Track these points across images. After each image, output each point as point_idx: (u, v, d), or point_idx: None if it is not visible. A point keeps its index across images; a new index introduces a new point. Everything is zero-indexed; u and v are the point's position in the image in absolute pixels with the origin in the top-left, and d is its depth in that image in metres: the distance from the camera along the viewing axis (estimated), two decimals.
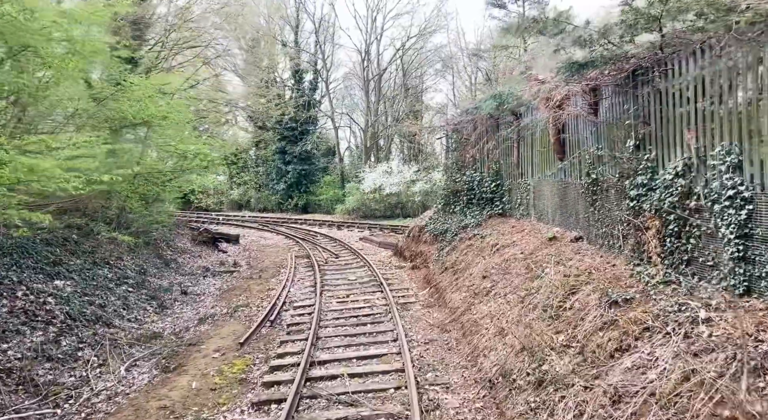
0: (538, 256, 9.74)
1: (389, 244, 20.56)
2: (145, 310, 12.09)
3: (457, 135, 15.88)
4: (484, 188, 14.37)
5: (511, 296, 9.07)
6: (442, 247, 14.32)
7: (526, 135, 12.31)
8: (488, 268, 10.77)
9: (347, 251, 20.03)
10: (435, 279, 13.14)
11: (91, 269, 12.03)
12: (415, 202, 31.95)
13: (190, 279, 15.70)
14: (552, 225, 11.11)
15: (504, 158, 13.74)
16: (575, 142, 9.91)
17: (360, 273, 15.78)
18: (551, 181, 11.14)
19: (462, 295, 10.77)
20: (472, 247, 12.71)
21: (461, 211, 15.18)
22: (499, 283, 9.91)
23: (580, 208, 9.70)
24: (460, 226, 14.34)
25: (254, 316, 11.79)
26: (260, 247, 22.55)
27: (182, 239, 20.76)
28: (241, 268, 17.91)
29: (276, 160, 41.24)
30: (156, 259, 15.76)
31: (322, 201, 39.23)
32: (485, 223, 13.70)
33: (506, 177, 13.78)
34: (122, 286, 12.50)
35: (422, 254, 15.58)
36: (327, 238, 24.18)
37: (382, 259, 18.09)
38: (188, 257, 18.39)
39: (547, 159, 11.33)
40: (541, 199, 11.73)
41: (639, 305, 6.14)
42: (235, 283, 15.23)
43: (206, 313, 12.32)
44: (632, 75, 7.33)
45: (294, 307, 12.26)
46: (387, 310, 11.41)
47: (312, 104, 40.13)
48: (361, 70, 40.80)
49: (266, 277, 16.07)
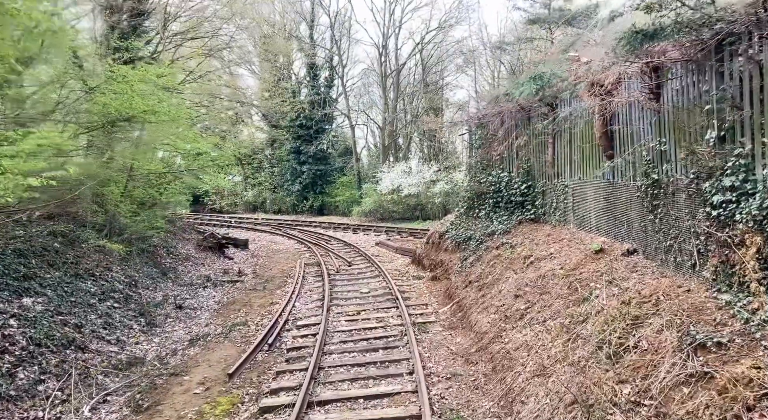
0: (582, 273, 8.09)
1: (407, 250, 19.01)
2: (130, 329, 10.75)
3: (481, 131, 14.26)
4: (513, 190, 12.72)
5: (552, 323, 7.45)
6: (465, 257, 12.72)
7: (564, 129, 10.65)
8: (521, 286, 9.15)
9: (361, 258, 18.54)
10: (457, 294, 11.56)
11: (71, 283, 10.73)
12: (435, 204, 30.33)
13: (188, 290, 14.37)
14: (596, 234, 9.44)
15: (536, 156, 12.08)
16: (628, 135, 8.23)
17: (374, 284, 14.27)
18: (595, 182, 9.47)
19: (490, 316, 9.17)
20: (501, 259, 11.09)
21: (486, 216, 13.55)
22: (535, 304, 8.29)
23: (633, 214, 8.03)
24: (486, 232, 12.72)
25: (251, 337, 10.37)
26: (269, 253, 21.19)
27: (187, 245, 19.50)
28: (246, 277, 16.54)
29: (290, 160, 39.98)
30: (152, 269, 14.47)
31: (338, 202, 37.84)
32: (515, 230, 12.06)
33: (539, 177, 12.11)
34: (107, 301, 11.19)
35: (443, 264, 13.99)
36: (341, 244, 22.72)
37: (398, 268, 16.55)
38: (190, 265, 17.10)
39: (591, 156, 9.66)
40: (583, 203, 10.06)
41: (742, 354, 4.50)
42: (236, 296, 13.85)
43: (199, 332, 10.94)
44: (717, 46, 5.65)
45: (297, 326, 10.80)
46: (402, 331, 9.87)
47: (327, 102, 38.76)
48: (378, 65, 39.26)
49: (271, 288, 14.66)
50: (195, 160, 14.33)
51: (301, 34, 40.78)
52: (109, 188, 12.27)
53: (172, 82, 13.82)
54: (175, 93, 17.60)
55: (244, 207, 44.33)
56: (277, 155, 43.36)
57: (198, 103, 19.21)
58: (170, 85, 15.52)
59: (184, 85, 17.32)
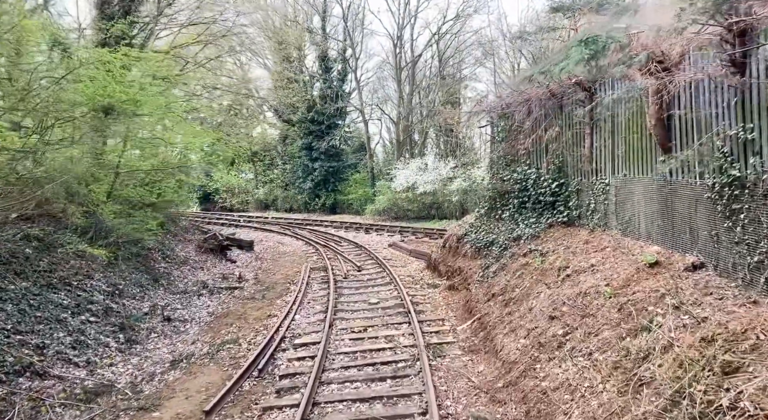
0: (636, 293, 6.55)
1: (422, 253, 17.54)
2: (106, 347, 9.48)
3: (505, 122, 12.71)
4: (543, 189, 11.16)
5: (601, 357, 5.94)
6: (487, 265, 11.21)
7: (605, 118, 9.07)
8: (557, 304, 7.62)
9: (372, 262, 17.11)
10: (479, 308, 10.06)
11: (39, 295, 9.49)
12: (452, 202, 28.76)
13: (180, 299, 13.10)
14: (647, 242, 7.88)
15: (570, 150, 10.51)
16: (692, 122, 6.66)
17: (384, 293, 12.83)
18: (646, 179, 7.90)
19: (519, 341, 7.66)
20: (529, 269, 9.56)
21: (511, 218, 12.01)
22: (576, 330, 6.77)
23: (700, 220, 6.46)
24: (511, 237, 11.20)
25: (241, 358, 9.01)
26: (275, 256, 19.88)
27: (187, 247, 18.28)
28: (246, 283, 15.23)
29: (302, 157, 38.66)
30: (142, 275, 13.21)
31: (351, 200, 36.44)
32: (545, 235, 10.51)
33: (573, 174, 10.54)
34: (81, 315, 9.93)
35: (461, 271, 12.49)
36: (351, 245, 21.32)
37: (411, 274, 15.09)
38: (187, 269, 15.85)
39: (640, 149, 8.08)
40: (628, 204, 8.48)
41: None
42: (232, 306, 12.52)
43: (183, 351, 9.62)
44: None
45: (294, 346, 9.42)
46: (415, 355, 8.42)
47: (340, 96, 37.34)
48: (393, 57, 37.71)
49: (271, 296, 13.31)
50: (188, 156, 13.02)
51: (314, 26, 39.41)
52: (90, 187, 10.99)
53: (164, 70, 12.47)
54: (175, 83, 16.37)
55: (256, 205, 43.19)
56: (288, 152, 42.11)
57: (198, 95, 17.96)
58: (166, 74, 14.26)
59: (183, 75, 16.04)
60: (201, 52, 17.21)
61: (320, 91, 38.25)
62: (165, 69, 13.86)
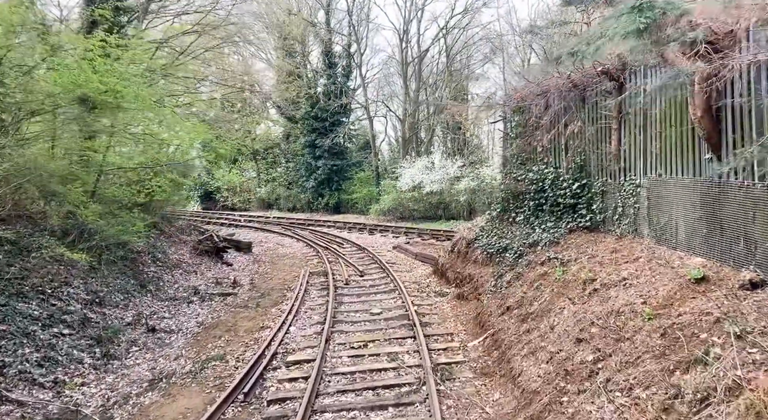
0: (682, 314, 5.55)
1: (428, 257, 16.56)
2: (79, 364, 8.57)
3: (520, 116, 11.70)
4: (562, 190, 10.14)
5: (643, 394, 4.95)
6: (500, 273, 10.22)
7: (637, 110, 8.06)
8: (584, 324, 6.63)
9: (375, 266, 16.14)
10: (491, 322, 9.08)
11: (5, 305, 8.59)
12: (459, 203, 27.75)
13: (169, 306, 12.20)
14: (687, 252, 6.87)
15: (594, 147, 9.49)
16: (750, 113, 5.64)
17: (388, 302, 11.87)
18: (687, 180, 6.89)
19: (541, 366, 6.67)
20: (549, 279, 8.57)
21: (526, 221, 11.02)
22: (610, 357, 5.78)
23: (760, 229, 5.46)
24: (527, 242, 10.20)
25: (227, 378, 8.08)
26: (274, 258, 18.95)
27: (181, 248, 17.39)
28: (240, 289, 14.31)
29: (305, 155, 37.70)
30: (128, 280, 12.32)
31: (355, 200, 35.46)
32: (565, 241, 9.51)
33: (597, 174, 9.52)
34: (54, 327, 9.04)
35: (471, 279, 11.51)
36: (354, 247, 20.35)
37: (417, 280, 14.11)
38: (180, 273, 14.95)
39: (680, 144, 7.07)
40: (664, 208, 7.47)
41: None
42: (223, 316, 11.59)
43: (164, 368, 8.70)
44: None
45: (287, 364, 8.48)
46: (421, 378, 7.45)
47: (344, 92, 36.34)
48: (399, 52, 36.65)
49: (266, 304, 12.38)
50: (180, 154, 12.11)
51: (318, 20, 38.46)
52: (68, 186, 10.09)
53: (152, 60, 11.54)
54: (163, 74, 15.46)
55: (258, 204, 42.31)
56: (291, 150, 41.18)
57: (194, 89, 17.04)
58: (153, 64, 13.34)
59: (174, 65, 15.12)
60: (196, 43, 16.31)
61: (324, 88, 37.30)
62: (154, 59, 12.95)
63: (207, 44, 17.04)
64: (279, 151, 43.97)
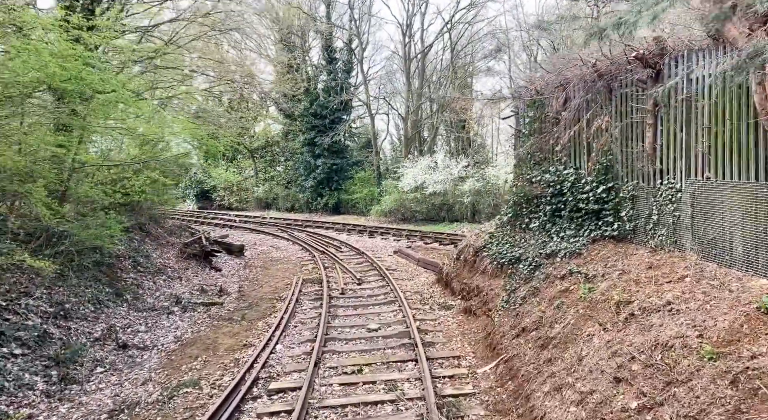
0: (756, 356, 4.40)
1: (431, 263, 15.41)
2: (29, 390, 7.46)
3: (535, 111, 10.54)
4: (584, 194, 8.99)
5: None
6: (513, 287, 9.08)
7: (678, 102, 6.90)
8: (622, 358, 5.47)
9: (374, 273, 15.00)
10: (504, 345, 7.93)
11: None
12: (463, 204, 26.59)
13: (147, 318, 11.08)
14: (747, 272, 5.72)
15: (623, 145, 8.33)
16: None
17: (387, 315, 10.74)
18: (750, 185, 5.73)
19: (570, 408, 5.52)
20: (572, 297, 7.42)
21: (542, 229, 9.87)
22: (662, 406, 4.64)
23: None
24: (543, 252, 9.05)
25: (198, 409, 6.96)
26: (267, 263, 17.81)
27: (168, 252, 16.28)
28: (228, 297, 13.19)
29: (304, 154, 36.52)
30: (101, 289, 11.22)
31: (355, 200, 34.29)
32: (588, 252, 8.35)
33: (626, 176, 8.35)
34: (4, 346, 7.92)
35: (479, 292, 10.36)
36: (353, 252, 19.20)
37: (420, 290, 12.97)
38: (163, 280, 13.83)
39: (739, 143, 5.92)
40: (715, 218, 6.31)
41: None
42: (203, 330, 10.46)
43: (129, 396, 7.57)
44: None
45: (269, 392, 7.34)
46: (423, 416, 6.30)
47: (345, 88, 35.15)
48: (402, 48, 35.43)
49: (253, 317, 11.25)
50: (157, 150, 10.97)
51: (319, 15, 37.27)
52: (27, 186, 8.96)
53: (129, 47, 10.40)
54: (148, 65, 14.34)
55: (255, 204, 41.15)
56: (290, 148, 40.01)
57: (181, 81, 15.91)
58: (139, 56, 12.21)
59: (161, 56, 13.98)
60: (185, 32, 15.19)
61: (324, 84, 36.14)
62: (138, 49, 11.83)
63: (193, 33, 15.89)
64: (278, 150, 42.82)
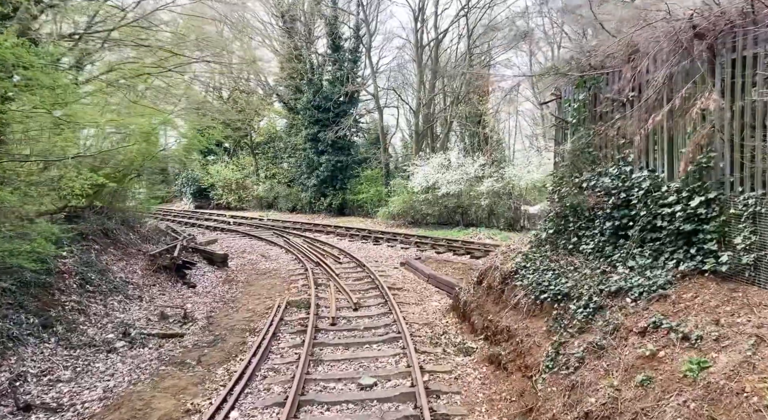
0: None
1: (445, 282, 12.79)
2: None
3: (586, 93, 7.86)
4: (667, 207, 6.30)
5: None
6: (563, 338, 6.43)
7: None
8: None
9: (375, 295, 12.41)
10: None
11: None
12: (480, 207, 23.91)
13: (78, 359, 8.59)
14: None
15: (736, 137, 5.62)
16: None
17: (386, 363, 8.14)
18: None
19: None
20: (664, 370, 4.78)
21: (598, 252, 7.22)
22: None
23: None
24: (605, 289, 6.40)
25: None
26: (251, 277, 15.29)
27: (134, 264, 13.84)
28: (192, 325, 10.69)
29: (307, 150, 33.93)
30: (22, 319, 8.75)
31: (361, 201, 31.67)
32: (678, 293, 5.68)
33: (741, 183, 5.65)
34: None
35: (511, 335, 7.71)
36: (353, 263, 16.61)
37: (430, 320, 10.35)
38: (118, 301, 11.36)
39: None
40: None
41: None
42: (140, 382, 7.90)
43: None
44: None
45: None
46: None
47: (351, 79, 32.50)
48: (413, 34, 32.71)
49: (214, 359, 8.71)
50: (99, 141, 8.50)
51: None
52: None
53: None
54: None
55: (256, 203, 38.64)
56: (293, 143, 37.45)
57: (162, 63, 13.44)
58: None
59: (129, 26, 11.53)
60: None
61: (329, 74, 33.56)
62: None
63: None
64: (281, 145, 40.31)
